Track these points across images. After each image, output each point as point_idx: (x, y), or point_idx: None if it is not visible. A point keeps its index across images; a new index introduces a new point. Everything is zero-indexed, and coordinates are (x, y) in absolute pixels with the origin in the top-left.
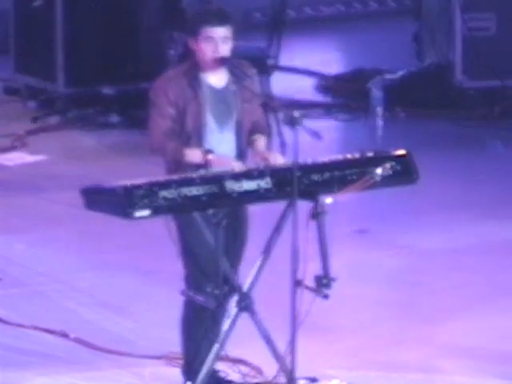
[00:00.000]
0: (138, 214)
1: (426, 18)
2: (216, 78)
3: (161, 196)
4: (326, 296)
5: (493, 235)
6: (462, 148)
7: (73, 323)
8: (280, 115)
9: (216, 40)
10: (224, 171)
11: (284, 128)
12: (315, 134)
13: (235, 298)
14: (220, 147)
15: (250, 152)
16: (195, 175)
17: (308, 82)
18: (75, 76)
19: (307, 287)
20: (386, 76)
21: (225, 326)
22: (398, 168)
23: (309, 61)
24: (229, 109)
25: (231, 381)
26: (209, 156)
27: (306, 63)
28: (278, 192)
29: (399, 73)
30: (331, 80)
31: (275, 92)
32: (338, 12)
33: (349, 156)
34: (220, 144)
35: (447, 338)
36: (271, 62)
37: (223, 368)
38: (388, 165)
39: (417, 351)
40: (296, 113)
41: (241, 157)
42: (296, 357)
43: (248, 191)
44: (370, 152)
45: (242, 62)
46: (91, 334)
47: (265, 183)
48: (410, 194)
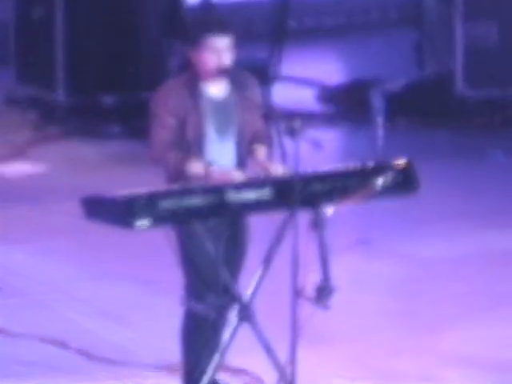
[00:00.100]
0: (139, 224)
1: (427, 27)
2: (216, 88)
3: (161, 206)
4: (327, 306)
5: (493, 244)
6: (463, 157)
7: (73, 333)
8: (281, 125)
9: (217, 49)
10: (225, 182)
11: (285, 138)
12: (316, 144)
13: (236, 308)
14: (220, 157)
15: (251, 162)
16: (196, 185)
17: (309, 92)
18: (76, 86)
19: (307, 298)
20: (387, 85)
21: (225, 336)
22: (399, 178)
23: (310, 71)
24: (229, 119)
25: None
26: (210, 168)
27: (307, 73)
28: (279, 202)
29: (400, 82)
30: (332, 90)
31: (276, 102)
32: (339, 22)
33: (349, 166)
34: (220, 154)
35: (447, 347)
36: (272, 72)
37: (224, 378)
38: (389, 174)
39: (417, 360)
40: (297, 123)
41: (241, 167)
42: (296, 366)
43: (248, 201)
44: (371, 162)
45: (243, 72)
46: (91, 344)
47: (265, 193)
48: (411, 204)
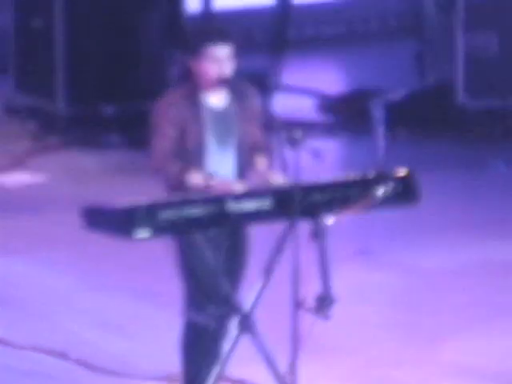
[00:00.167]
0: (139, 235)
1: (428, 37)
2: (216, 98)
3: (161, 216)
4: (327, 317)
5: (494, 255)
6: (463, 167)
7: (73, 343)
8: (281, 135)
9: (218, 59)
10: (225, 192)
11: (285, 148)
12: (316, 154)
13: (236, 319)
14: (220, 167)
15: (251, 172)
16: (196, 196)
17: (309, 102)
18: (75, 96)
19: (308, 308)
20: (387, 95)
21: (226, 347)
22: (400, 188)
23: (310, 80)
24: (229, 129)
25: None
26: (211, 179)
27: (308, 83)
28: (279, 212)
29: (400, 92)
30: (332, 100)
31: (276, 112)
32: (340, 31)
33: (350, 176)
34: (220, 164)
35: (448, 358)
36: (273, 82)
37: None
38: (390, 185)
39: (418, 371)
40: (297, 132)
41: (241, 177)
42: (297, 377)
43: (249, 212)
44: (372, 172)
45: (243, 82)
46: (91, 355)
47: (266, 204)
48: (411, 214)
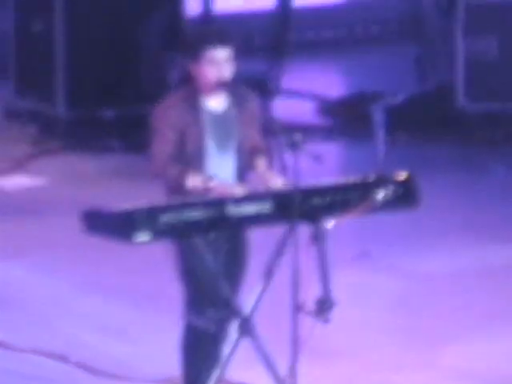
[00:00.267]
0: (139, 239)
1: (428, 42)
2: (216, 102)
3: (161, 220)
4: (327, 320)
5: (494, 259)
6: (464, 171)
7: (73, 347)
8: (281, 138)
9: (218, 61)
10: (225, 195)
11: (285, 151)
12: (316, 158)
13: (236, 322)
14: (220, 171)
15: (251, 173)
16: (196, 199)
17: (309, 106)
18: (76, 100)
19: (308, 311)
20: (388, 99)
21: (226, 350)
22: (400, 192)
23: (310, 84)
24: (229, 132)
25: None
26: (210, 182)
27: (308, 86)
28: (279, 216)
29: (401, 96)
30: (332, 103)
31: (276, 115)
32: (340, 35)
33: (350, 180)
34: (220, 168)
35: (448, 362)
36: (272, 86)
37: None
38: (389, 188)
39: (418, 375)
40: (297, 136)
41: (240, 180)
42: (297, 381)
43: (249, 215)
44: (372, 175)
45: (242, 86)
46: (91, 358)
47: (266, 207)
48: (411, 218)
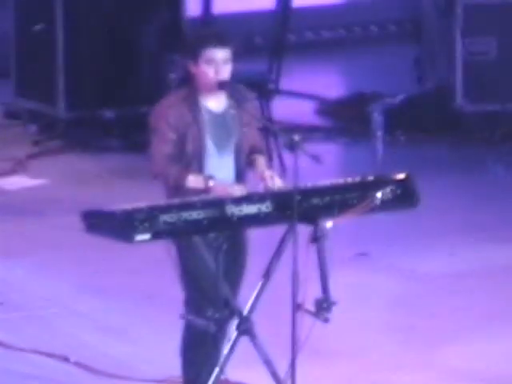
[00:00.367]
0: (139, 238)
1: (427, 42)
2: (215, 102)
3: (161, 220)
4: (326, 320)
5: (494, 259)
6: (463, 172)
7: (73, 347)
8: (280, 139)
9: (216, 62)
10: (225, 196)
11: (284, 152)
12: (315, 158)
13: (235, 322)
14: (219, 172)
15: (250, 172)
16: (196, 199)
17: (308, 106)
18: (76, 100)
19: (307, 311)
20: (387, 100)
21: (225, 350)
22: (399, 192)
23: (309, 85)
24: (228, 133)
25: None
26: (210, 182)
27: (307, 87)
28: (278, 216)
29: (399, 97)
30: (331, 104)
31: (275, 116)
32: (339, 36)
33: (349, 180)
34: (219, 168)
35: (447, 362)
36: (272, 86)
37: None
38: (388, 189)
39: (417, 375)
40: (296, 137)
41: (240, 181)
42: (296, 381)
43: (248, 215)
44: (371, 176)
45: (240, 87)
46: (92, 358)
47: (265, 207)
48: (411, 218)
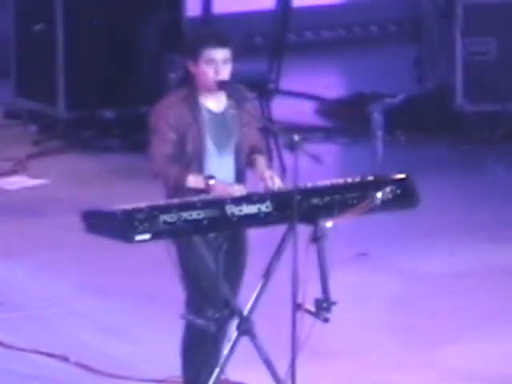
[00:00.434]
0: (139, 238)
1: (427, 42)
2: (215, 102)
3: (161, 220)
4: (326, 319)
5: (494, 259)
6: (463, 171)
7: (73, 347)
8: (280, 139)
9: (216, 62)
10: (224, 195)
11: (284, 152)
12: (315, 158)
13: (235, 322)
14: (219, 171)
15: (251, 171)
16: (196, 199)
17: (308, 106)
18: (76, 100)
19: (307, 311)
20: (387, 100)
21: (225, 350)
22: (399, 192)
23: (309, 85)
24: (228, 133)
25: None
26: (210, 182)
27: (307, 87)
28: (279, 216)
29: (399, 97)
30: (331, 104)
31: (275, 116)
32: (339, 36)
33: (349, 180)
34: (219, 168)
35: (447, 362)
36: (271, 86)
37: None
38: (388, 189)
39: (417, 375)
40: (296, 137)
41: (240, 180)
42: (296, 381)
43: (248, 215)
44: (371, 176)
45: (240, 87)
46: (92, 358)
47: (265, 207)
48: (411, 218)
